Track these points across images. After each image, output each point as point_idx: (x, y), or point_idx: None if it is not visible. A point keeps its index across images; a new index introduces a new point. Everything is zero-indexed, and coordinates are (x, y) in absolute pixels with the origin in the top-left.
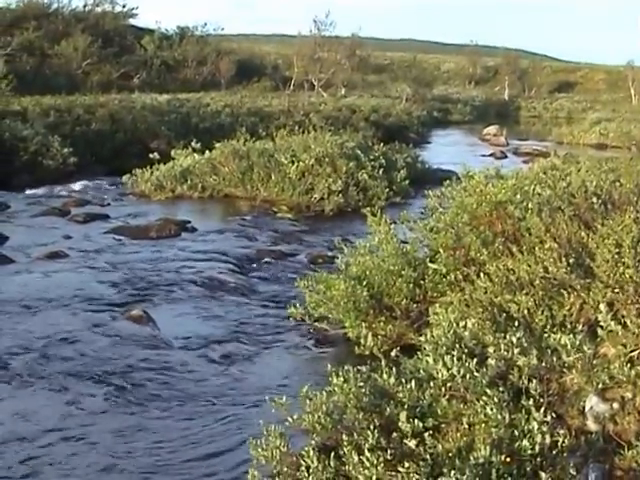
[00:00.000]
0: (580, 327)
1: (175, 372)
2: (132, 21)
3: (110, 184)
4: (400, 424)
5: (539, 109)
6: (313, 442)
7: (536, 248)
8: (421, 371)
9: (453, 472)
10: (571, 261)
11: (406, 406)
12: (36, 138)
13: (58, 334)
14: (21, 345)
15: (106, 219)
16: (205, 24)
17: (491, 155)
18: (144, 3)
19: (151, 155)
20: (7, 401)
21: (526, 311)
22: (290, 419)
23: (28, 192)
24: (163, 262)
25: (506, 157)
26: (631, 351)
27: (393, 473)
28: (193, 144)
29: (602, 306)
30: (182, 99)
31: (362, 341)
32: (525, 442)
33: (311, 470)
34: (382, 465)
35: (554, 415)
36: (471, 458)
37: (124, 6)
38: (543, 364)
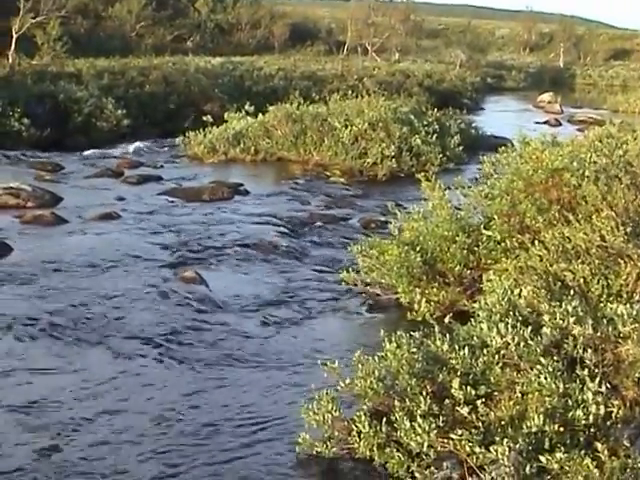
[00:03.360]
0: (637, 297)
1: (227, 334)
2: None
3: (163, 146)
4: (452, 391)
5: (594, 77)
6: (365, 407)
7: (592, 216)
8: (474, 338)
9: (505, 440)
10: (628, 230)
11: (459, 373)
12: (90, 100)
13: (111, 295)
14: (76, 306)
15: (159, 181)
16: None
17: (545, 122)
18: None
19: (204, 118)
20: (63, 361)
21: (582, 280)
22: (342, 384)
23: (82, 154)
24: (215, 225)
25: (561, 125)
26: None
27: (445, 440)
28: (246, 107)
29: None
30: (235, 62)
31: (415, 307)
32: (579, 412)
33: (362, 435)
34: (434, 432)
35: (609, 386)
36: (524, 427)
37: None
38: (598, 334)
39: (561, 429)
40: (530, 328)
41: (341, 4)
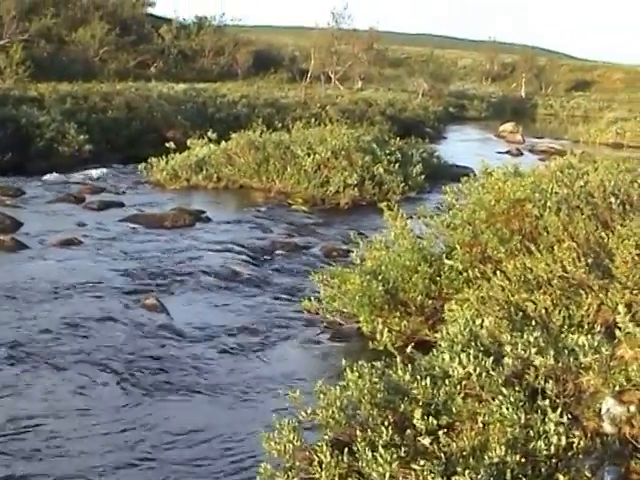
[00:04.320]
0: (598, 328)
1: (187, 362)
2: (150, 10)
3: (125, 172)
4: (414, 421)
5: (556, 107)
6: (326, 437)
7: (554, 247)
8: (436, 368)
9: (467, 471)
10: (589, 261)
11: (420, 403)
12: (52, 125)
13: (71, 322)
14: (34, 332)
15: (121, 207)
16: (223, 14)
17: (507, 152)
18: None
19: (167, 144)
20: (20, 388)
21: (543, 310)
22: (303, 413)
23: (43, 178)
24: (177, 252)
25: (522, 154)
26: None
27: (407, 471)
28: (209, 134)
29: (620, 307)
30: (199, 89)
31: (377, 336)
32: (540, 443)
33: (324, 465)
34: (396, 462)
35: (570, 416)
36: (485, 458)
37: None
38: (560, 364)
39: (523, 460)
40: (492, 358)
41: (304, 32)
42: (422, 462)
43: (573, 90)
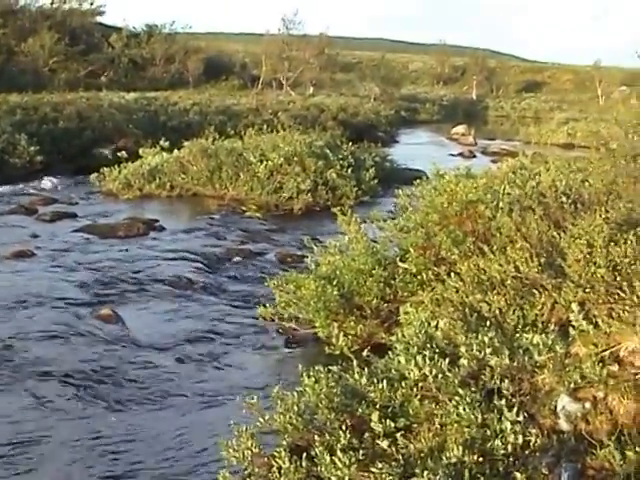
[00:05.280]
0: (552, 327)
1: (143, 372)
2: (99, 19)
3: (78, 183)
4: (372, 424)
5: (507, 109)
6: (285, 443)
7: (507, 248)
8: (392, 371)
9: (425, 472)
10: (542, 261)
11: (378, 406)
12: (2, 136)
13: (25, 334)
14: None
15: (74, 218)
16: (173, 22)
17: (459, 154)
18: (111, 0)
19: (119, 154)
20: None
21: (497, 311)
22: (261, 420)
23: None
24: (131, 261)
25: (475, 156)
26: (602, 351)
27: (365, 474)
28: (161, 143)
29: (574, 306)
30: (150, 97)
31: (333, 341)
32: (497, 442)
33: (283, 471)
34: (354, 466)
35: (526, 415)
36: (443, 458)
37: (91, 3)
38: (515, 364)
39: (480, 459)
40: (447, 360)
41: (255, 38)
42: (380, 465)
43: (524, 91)
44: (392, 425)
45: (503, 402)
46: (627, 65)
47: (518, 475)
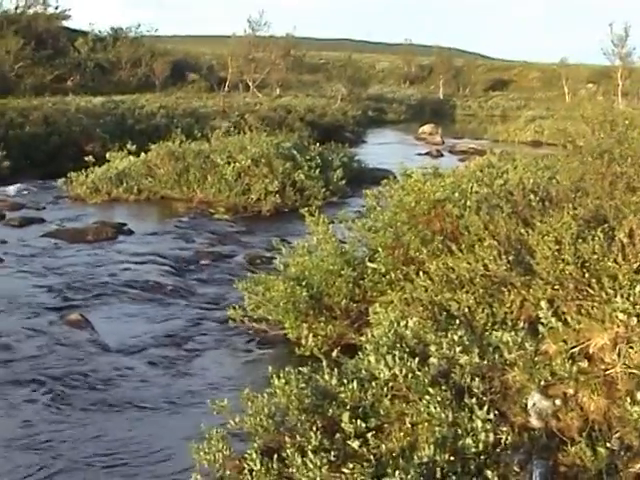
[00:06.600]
0: (521, 324)
1: (113, 376)
2: (65, 23)
3: (45, 188)
4: (343, 425)
5: (474, 107)
6: (256, 445)
7: (475, 246)
8: (363, 371)
9: (397, 472)
10: (511, 258)
11: (348, 407)
12: None
13: None
14: None
15: (42, 223)
16: (139, 25)
17: (427, 154)
18: (77, 5)
19: (86, 158)
20: None
21: (467, 309)
22: (232, 422)
23: None
24: (100, 266)
25: (442, 156)
26: (572, 347)
27: (337, 474)
28: (128, 146)
29: (543, 303)
30: (117, 101)
31: (303, 342)
32: (469, 440)
33: (254, 473)
34: (326, 467)
35: (497, 413)
36: (415, 458)
37: (57, 8)
38: (485, 362)
39: (452, 458)
40: (417, 359)
41: (221, 40)
42: (352, 465)
43: (491, 90)
44: (363, 425)
45: (474, 400)
46: (593, 62)
47: (490, 473)
